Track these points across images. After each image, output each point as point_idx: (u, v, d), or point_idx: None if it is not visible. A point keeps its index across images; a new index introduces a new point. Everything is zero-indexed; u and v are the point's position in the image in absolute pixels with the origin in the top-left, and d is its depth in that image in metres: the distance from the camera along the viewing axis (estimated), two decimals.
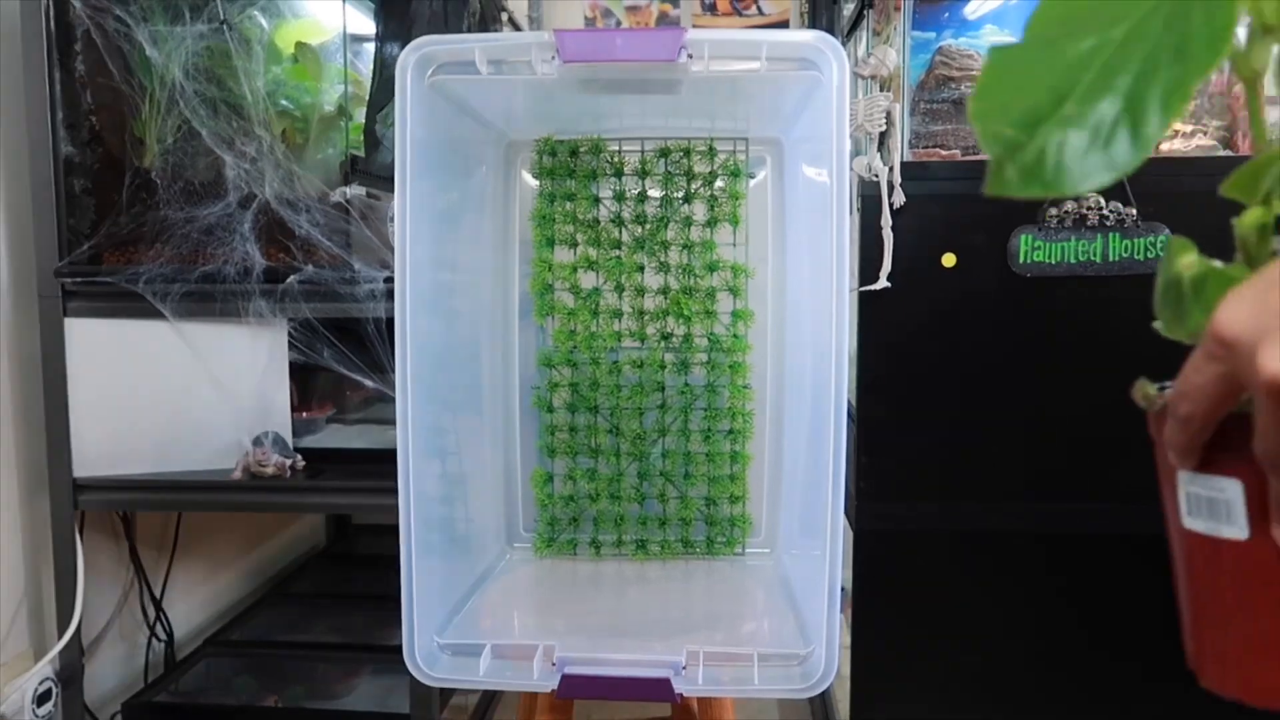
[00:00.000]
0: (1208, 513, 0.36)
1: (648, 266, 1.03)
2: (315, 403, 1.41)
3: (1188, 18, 0.34)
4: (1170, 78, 0.32)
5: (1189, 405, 0.34)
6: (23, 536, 1.23)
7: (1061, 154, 0.33)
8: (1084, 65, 0.34)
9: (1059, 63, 0.35)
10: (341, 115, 1.24)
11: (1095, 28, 0.35)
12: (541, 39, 0.78)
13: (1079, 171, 0.33)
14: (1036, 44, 0.36)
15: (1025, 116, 0.34)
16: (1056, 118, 0.33)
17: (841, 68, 0.75)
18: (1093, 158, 0.33)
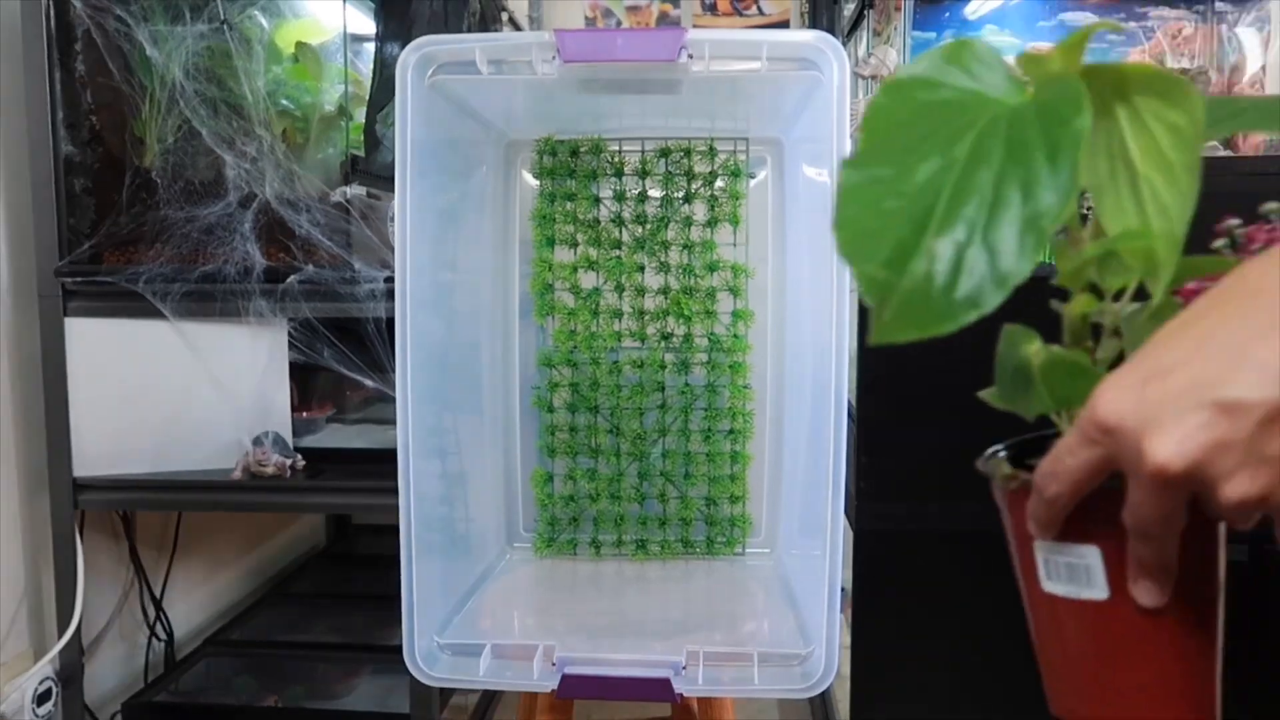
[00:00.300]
0: (1067, 577, 0.38)
1: (648, 266, 1.03)
2: (315, 403, 1.41)
3: (1026, 150, 0.34)
4: (1022, 215, 0.33)
5: (1058, 486, 0.36)
6: (23, 536, 1.23)
7: (929, 292, 0.33)
8: (931, 190, 0.34)
9: (908, 186, 0.35)
10: (341, 115, 1.24)
11: (931, 148, 0.35)
12: (542, 39, 0.78)
13: (945, 308, 0.33)
14: (881, 159, 0.36)
15: (893, 252, 0.34)
16: (921, 252, 0.33)
17: (842, 68, 0.75)
18: (958, 292, 0.33)
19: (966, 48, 0.39)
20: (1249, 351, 0.32)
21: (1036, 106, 0.35)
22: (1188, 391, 0.33)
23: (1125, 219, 0.37)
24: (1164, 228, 0.36)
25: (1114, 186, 0.37)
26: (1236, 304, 0.33)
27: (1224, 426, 0.32)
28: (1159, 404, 0.33)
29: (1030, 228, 0.32)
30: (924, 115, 0.37)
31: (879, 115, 0.38)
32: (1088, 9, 1.71)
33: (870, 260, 0.33)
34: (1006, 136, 0.34)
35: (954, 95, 0.38)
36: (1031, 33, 1.72)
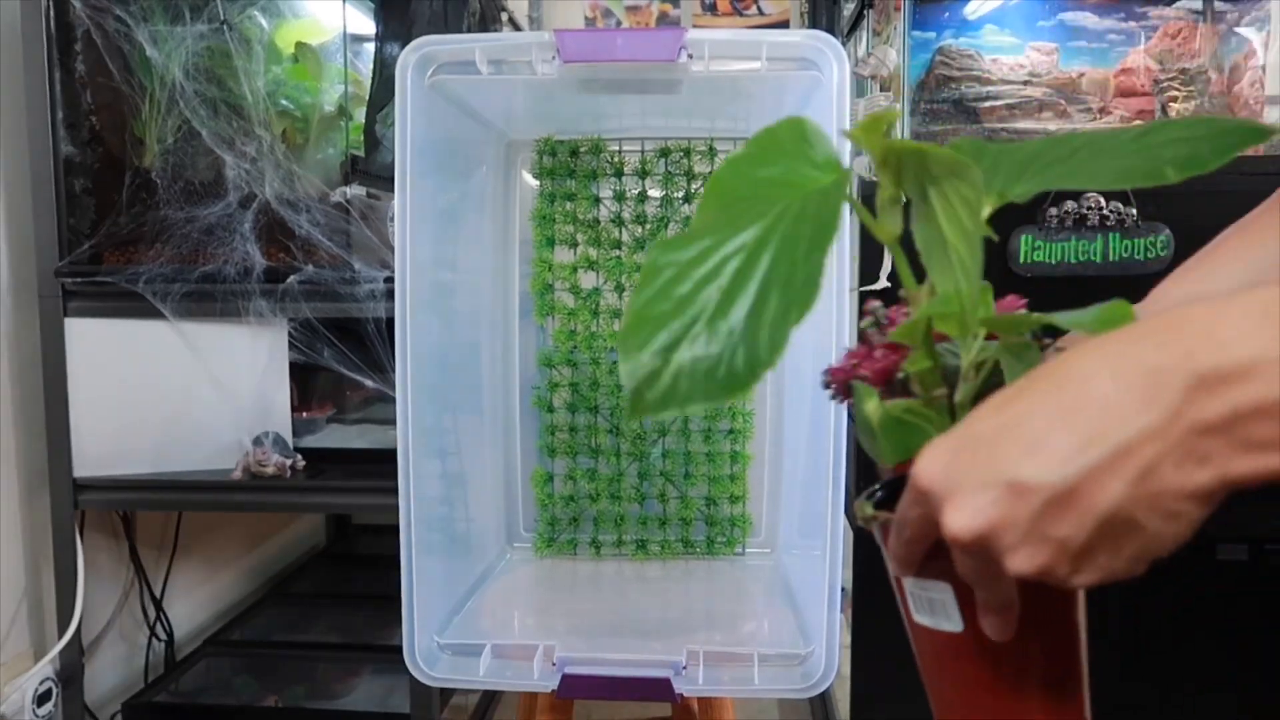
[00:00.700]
0: (929, 610, 0.42)
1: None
2: (315, 403, 1.41)
3: (795, 243, 0.37)
4: (777, 310, 0.36)
5: (907, 533, 0.40)
6: (23, 536, 1.23)
7: (693, 376, 0.36)
8: (716, 276, 0.38)
9: (699, 273, 0.38)
10: (341, 115, 1.23)
11: (734, 230, 0.39)
12: (542, 39, 0.78)
13: (702, 391, 0.36)
14: (687, 245, 0.39)
15: (668, 341, 0.37)
16: (689, 338, 0.37)
17: (841, 68, 0.75)
18: (718, 377, 0.36)
19: (800, 127, 0.42)
20: (1044, 437, 0.34)
21: (817, 197, 0.39)
22: (986, 467, 0.35)
23: (946, 279, 0.40)
24: (967, 289, 0.39)
25: (937, 249, 0.40)
26: (1045, 390, 0.35)
27: (1010, 506, 0.34)
28: (961, 475, 0.35)
29: (780, 323, 0.36)
30: (748, 193, 0.41)
31: (713, 190, 0.42)
32: (1087, 9, 1.71)
33: (645, 350, 0.37)
34: (786, 229, 0.38)
35: (779, 174, 0.41)
36: (1031, 32, 1.72)
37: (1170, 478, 0.33)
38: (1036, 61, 1.71)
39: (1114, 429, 0.33)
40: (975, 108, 1.62)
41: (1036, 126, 1.60)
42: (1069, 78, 1.68)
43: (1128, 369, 0.34)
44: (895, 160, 0.40)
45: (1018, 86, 1.65)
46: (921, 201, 0.40)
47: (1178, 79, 1.64)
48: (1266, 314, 0.32)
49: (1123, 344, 0.34)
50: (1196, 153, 0.38)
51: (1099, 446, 0.33)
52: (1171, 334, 0.33)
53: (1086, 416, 0.34)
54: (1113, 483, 0.33)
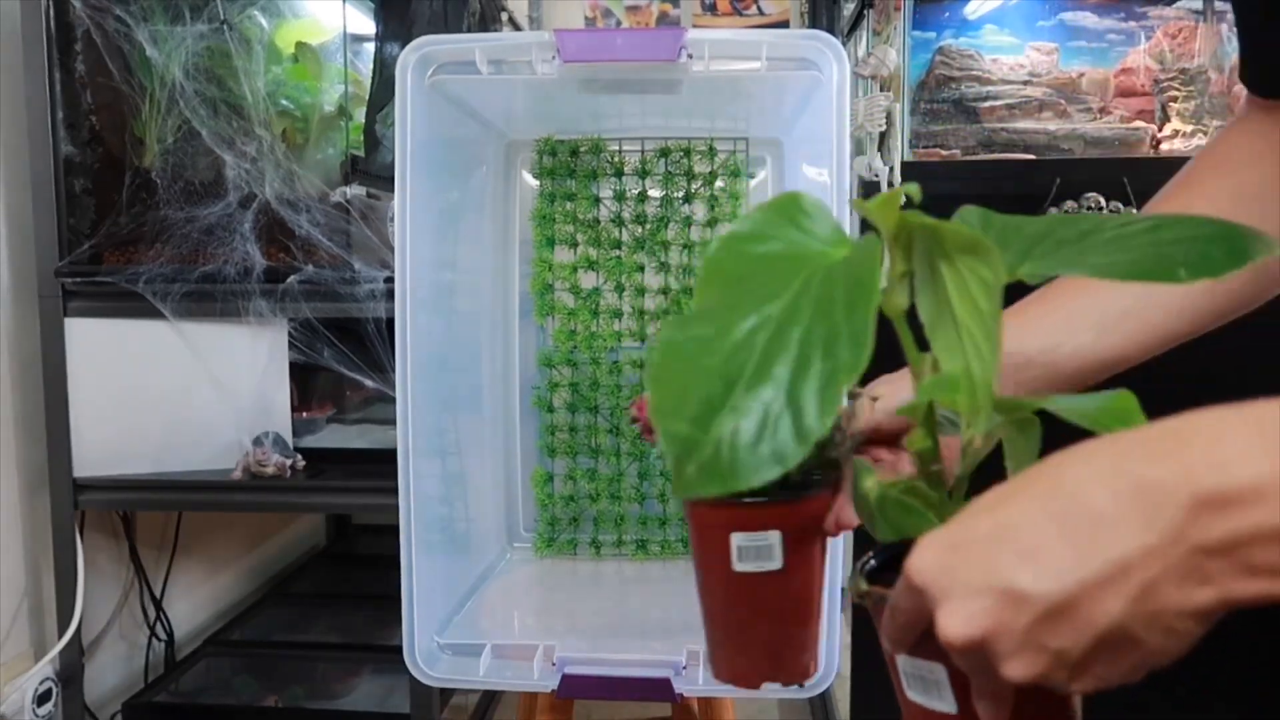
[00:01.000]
0: (922, 688, 0.42)
1: (648, 266, 1.03)
2: (315, 403, 1.41)
3: (831, 306, 0.36)
4: (823, 372, 0.34)
5: (901, 619, 0.39)
6: (23, 536, 1.23)
7: (735, 449, 0.34)
8: (748, 347, 0.36)
9: (725, 344, 0.37)
10: (341, 115, 1.24)
11: (754, 304, 0.38)
12: (542, 39, 0.78)
13: (751, 465, 0.34)
14: (705, 321, 0.38)
15: (701, 409, 0.35)
16: (728, 408, 0.35)
17: (841, 68, 0.75)
18: (762, 450, 0.34)
19: (796, 201, 0.41)
20: (1041, 545, 0.34)
21: (844, 264, 0.38)
22: (981, 571, 0.35)
23: (954, 357, 0.39)
24: (980, 373, 0.38)
25: (943, 325, 0.39)
26: (1041, 495, 0.35)
27: (1006, 614, 0.34)
28: (955, 577, 0.35)
29: (830, 384, 0.34)
30: (752, 271, 0.40)
31: (712, 270, 0.40)
32: (1087, 9, 1.71)
33: (678, 417, 0.35)
34: (817, 295, 0.37)
35: (781, 249, 0.40)
36: (1031, 32, 1.72)
37: (1171, 596, 0.33)
38: (1036, 61, 1.71)
39: (1113, 544, 0.33)
40: (975, 107, 1.62)
41: (1036, 126, 1.60)
42: (1069, 78, 1.68)
43: (1127, 483, 0.33)
44: (906, 235, 0.39)
45: (1018, 86, 1.65)
46: (930, 275, 0.39)
47: (1178, 79, 1.64)
48: (1268, 433, 0.31)
49: (1122, 454, 0.34)
50: (1209, 255, 0.37)
51: (1097, 561, 0.33)
52: (1172, 448, 0.33)
53: (1084, 528, 0.33)
54: (1112, 599, 0.33)
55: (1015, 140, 1.59)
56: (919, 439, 0.42)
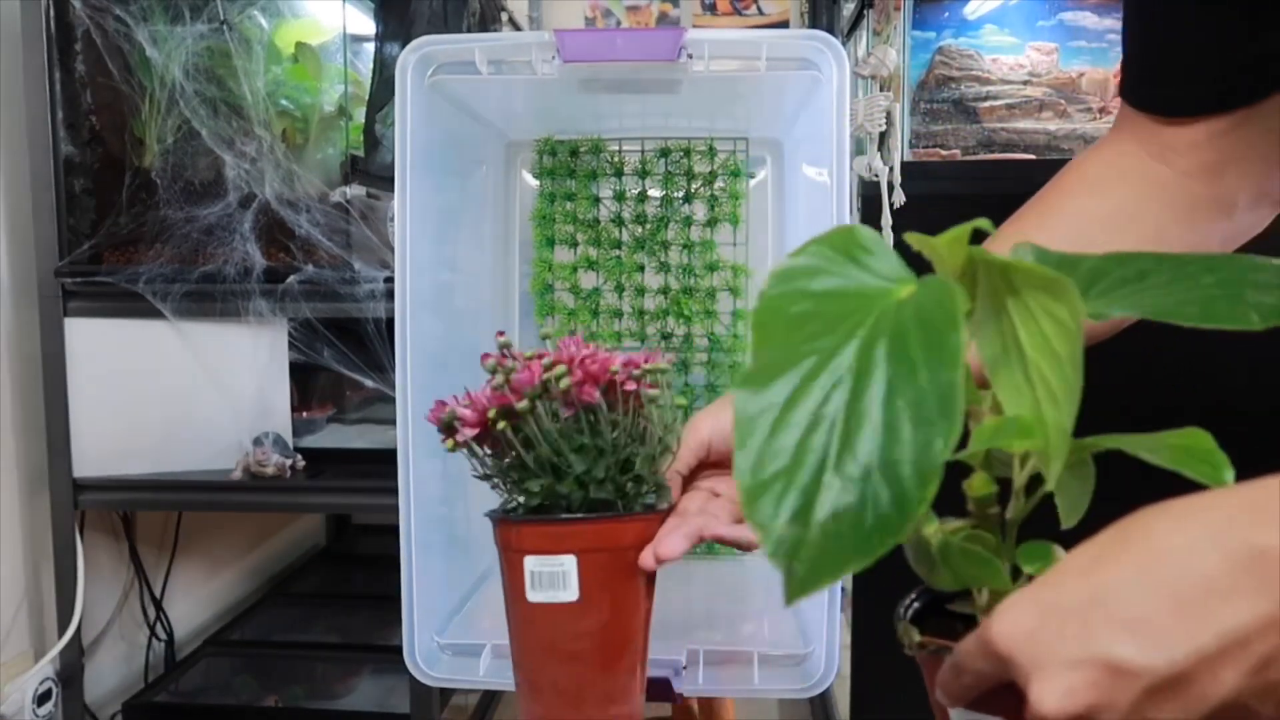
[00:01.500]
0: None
1: (648, 266, 1.03)
2: (315, 403, 1.41)
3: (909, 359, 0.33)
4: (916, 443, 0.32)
5: (967, 680, 0.37)
6: (23, 536, 1.23)
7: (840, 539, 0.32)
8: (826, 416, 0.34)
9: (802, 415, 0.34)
10: (341, 115, 1.23)
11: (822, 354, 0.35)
12: (542, 39, 0.78)
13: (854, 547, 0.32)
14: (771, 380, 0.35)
15: (799, 505, 0.33)
16: (823, 492, 0.33)
17: (841, 68, 0.75)
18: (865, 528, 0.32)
19: (853, 235, 0.39)
20: (1145, 615, 0.32)
21: (916, 310, 0.35)
22: (1079, 643, 0.33)
23: (1020, 399, 0.37)
24: (1054, 417, 0.36)
25: (1007, 365, 0.38)
26: (1142, 559, 0.33)
27: (1109, 687, 0.32)
28: (1050, 646, 0.33)
29: (925, 453, 0.32)
30: (812, 310, 0.37)
31: (769, 310, 0.37)
32: (1087, 9, 1.71)
33: (776, 518, 0.33)
34: (890, 347, 0.34)
35: (840, 285, 0.38)
36: (1031, 32, 1.72)
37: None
38: (1036, 61, 1.71)
39: (1226, 615, 0.31)
40: (975, 107, 1.62)
41: (1036, 126, 1.60)
42: (1069, 78, 1.68)
43: (1235, 548, 0.31)
44: (971, 269, 0.37)
45: (1018, 86, 1.65)
46: (994, 313, 0.37)
47: None
48: None
49: (1225, 519, 0.32)
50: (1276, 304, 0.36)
51: (1211, 632, 0.31)
52: (1272, 512, 0.32)
53: (1193, 596, 0.31)
54: (1227, 672, 0.31)
55: (1015, 140, 1.59)
56: (980, 484, 0.40)
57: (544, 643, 0.53)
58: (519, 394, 0.52)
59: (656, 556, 0.54)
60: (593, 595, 0.51)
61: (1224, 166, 0.56)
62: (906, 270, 0.38)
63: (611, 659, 0.53)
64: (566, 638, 0.52)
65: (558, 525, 0.52)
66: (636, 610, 0.54)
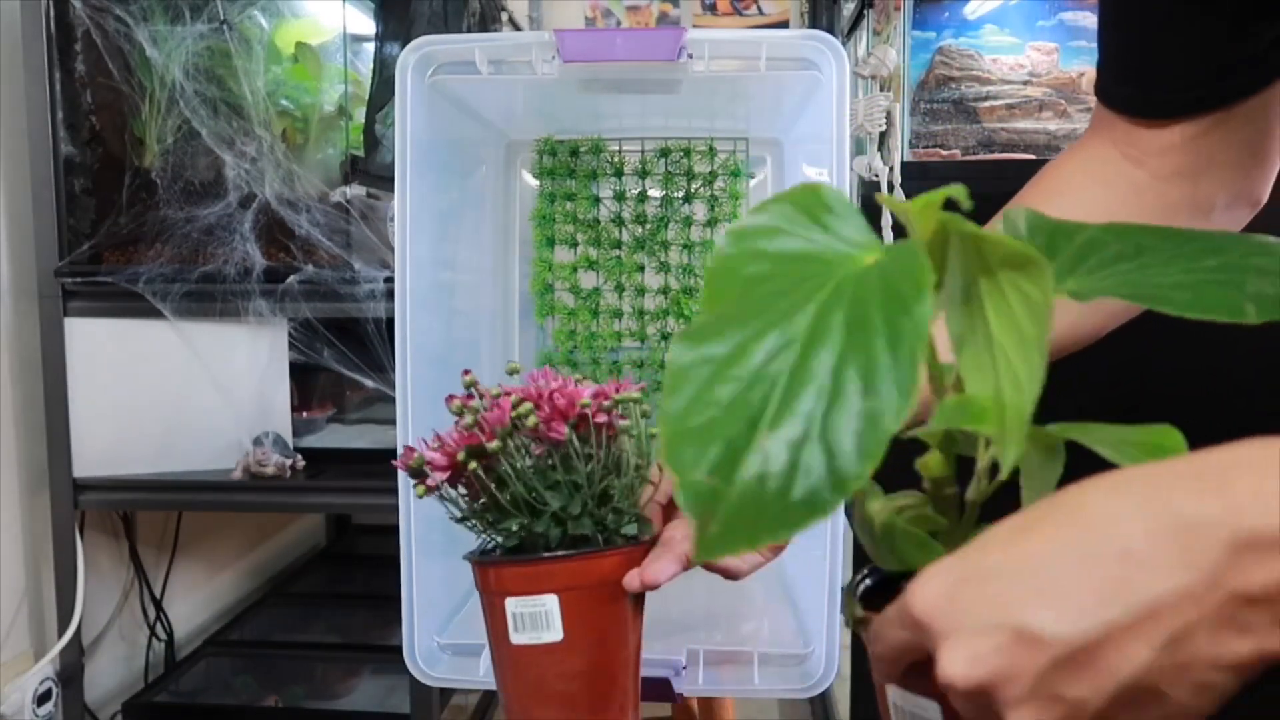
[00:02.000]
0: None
1: (648, 266, 1.03)
2: (315, 403, 1.41)
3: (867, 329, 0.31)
4: (863, 413, 0.30)
5: (883, 649, 0.37)
6: (23, 536, 1.23)
7: (762, 499, 0.29)
8: (770, 373, 0.31)
9: (744, 370, 0.31)
10: (341, 115, 1.24)
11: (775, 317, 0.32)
12: (542, 39, 0.78)
13: (780, 516, 0.29)
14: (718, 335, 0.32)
15: (722, 454, 0.30)
16: (752, 450, 0.30)
17: (841, 68, 0.75)
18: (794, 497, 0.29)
19: (817, 194, 0.36)
20: (1062, 583, 0.31)
21: (880, 278, 0.32)
22: (992, 608, 0.32)
23: (983, 378, 0.35)
24: (1014, 400, 0.34)
25: (973, 342, 0.36)
26: (1065, 530, 0.32)
27: (1016, 656, 0.31)
28: (963, 612, 0.32)
29: (871, 426, 0.29)
30: (770, 273, 0.34)
31: (722, 270, 0.35)
32: (1087, 9, 1.71)
33: (696, 466, 0.30)
34: (848, 314, 0.31)
35: (801, 249, 0.35)
36: (1031, 32, 1.72)
37: (1203, 647, 0.30)
38: (1036, 61, 1.71)
39: (1144, 586, 0.30)
40: (975, 108, 1.62)
41: (1036, 126, 1.60)
42: (1069, 78, 1.68)
43: (1163, 519, 0.30)
44: (942, 241, 0.35)
45: (1018, 86, 1.65)
46: (964, 286, 0.35)
47: None
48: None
49: (1157, 488, 0.31)
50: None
51: (1124, 603, 0.30)
52: (1213, 484, 0.30)
53: (1112, 567, 0.30)
54: (1137, 646, 0.30)
55: (1015, 140, 1.59)
56: (935, 463, 0.38)
57: (531, 685, 0.52)
58: (490, 434, 0.51)
59: (643, 581, 0.53)
60: (577, 633, 0.50)
61: (1200, 169, 0.55)
62: (872, 235, 0.35)
63: (601, 697, 0.53)
64: (554, 678, 0.51)
65: (536, 565, 0.51)
66: (624, 645, 0.53)
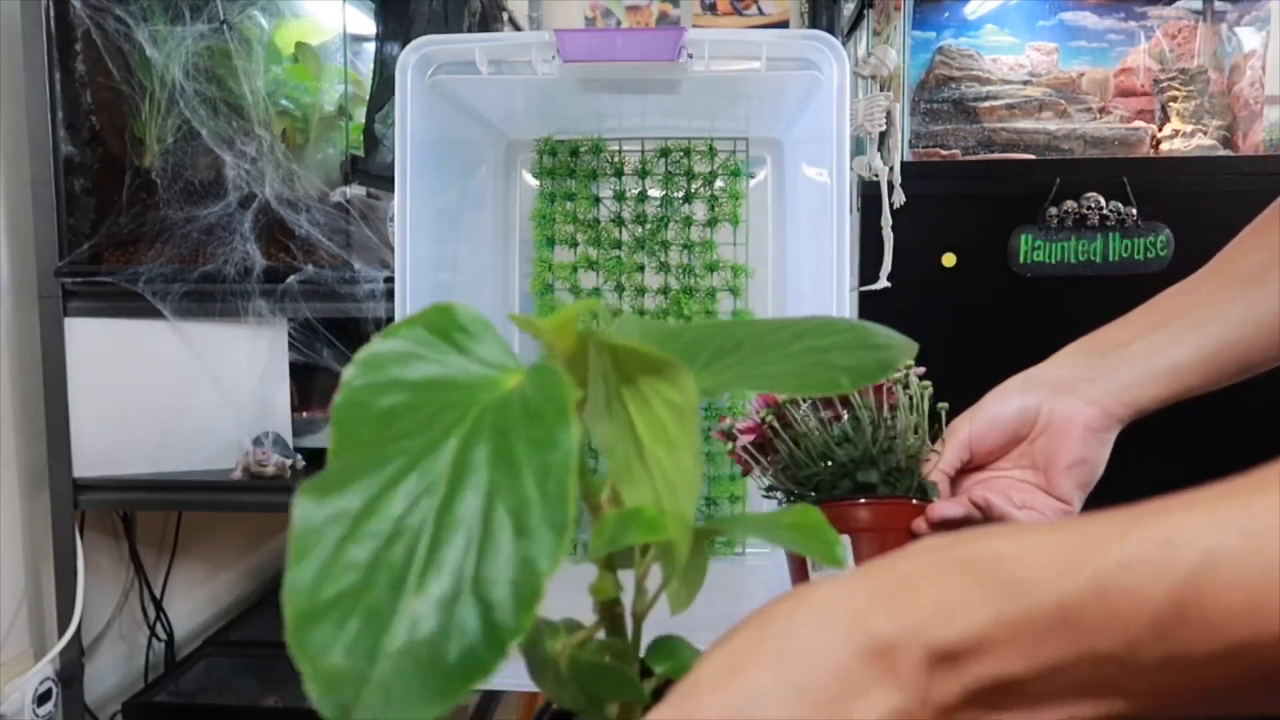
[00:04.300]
0: None
1: (648, 266, 1.03)
2: (315, 403, 1.41)
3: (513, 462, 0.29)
4: (515, 559, 0.27)
5: None
6: (23, 536, 1.23)
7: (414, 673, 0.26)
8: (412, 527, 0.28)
9: (383, 524, 0.28)
10: (341, 115, 1.24)
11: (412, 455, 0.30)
12: (542, 39, 0.78)
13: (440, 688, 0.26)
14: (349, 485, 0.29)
15: (362, 629, 0.26)
16: (397, 618, 0.26)
17: (841, 68, 0.75)
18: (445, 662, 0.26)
19: (450, 315, 0.34)
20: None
21: (522, 405, 0.31)
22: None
23: (639, 489, 0.35)
24: (674, 507, 0.34)
25: (624, 453, 0.35)
26: (778, 664, 0.32)
27: None
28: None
29: (526, 573, 0.27)
30: (403, 406, 0.32)
31: (351, 405, 0.32)
32: (1087, 9, 1.71)
33: (329, 650, 0.26)
34: (492, 448, 0.29)
35: (439, 374, 0.33)
36: (1031, 32, 1.72)
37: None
38: (1036, 61, 1.71)
39: (862, 712, 0.30)
40: (975, 107, 1.62)
41: (1036, 126, 1.60)
42: (1069, 77, 1.68)
43: (864, 640, 0.31)
44: (584, 353, 0.34)
45: (1018, 86, 1.65)
46: (609, 397, 0.34)
47: (1178, 79, 1.64)
48: (984, 576, 0.31)
49: (857, 611, 0.32)
50: (863, 364, 0.37)
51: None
52: (901, 600, 0.31)
53: (828, 698, 0.30)
54: None
55: (1015, 140, 1.59)
56: (607, 585, 0.38)
57: None
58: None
59: (928, 517, 0.55)
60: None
61: None
62: (512, 356, 0.33)
63: None
64: None
65: (843, 506, 0.55)
66: None
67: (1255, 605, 0.27)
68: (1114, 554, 0.29)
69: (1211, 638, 0.28)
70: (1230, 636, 0.28)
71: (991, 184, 1.34)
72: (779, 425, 0.58)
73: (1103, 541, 0.30)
